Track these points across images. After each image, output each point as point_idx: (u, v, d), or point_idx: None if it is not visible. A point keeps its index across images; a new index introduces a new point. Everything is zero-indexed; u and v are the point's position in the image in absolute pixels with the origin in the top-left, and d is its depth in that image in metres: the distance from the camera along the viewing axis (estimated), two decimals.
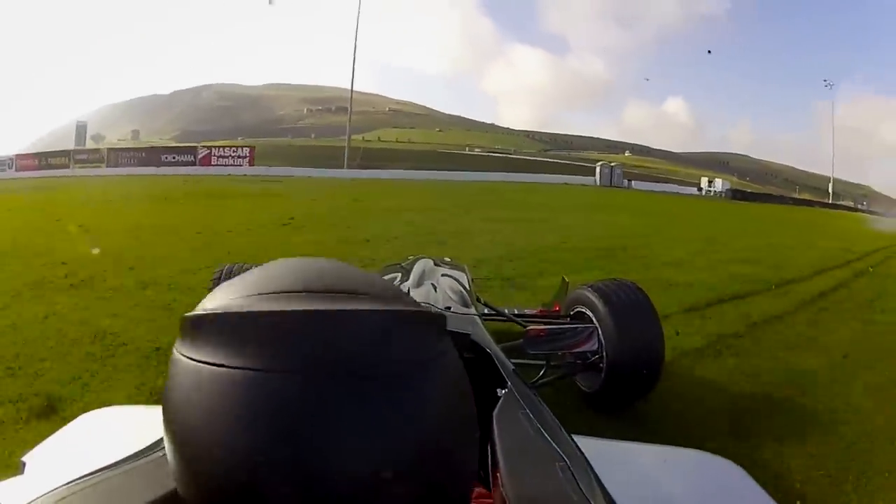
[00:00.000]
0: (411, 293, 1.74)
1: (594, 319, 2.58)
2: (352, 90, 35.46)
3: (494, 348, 1.40)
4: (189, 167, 25.81)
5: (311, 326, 0.38)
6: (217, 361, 0.38)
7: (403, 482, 0.38)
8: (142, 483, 0.49)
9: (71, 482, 0.53)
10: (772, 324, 4.68)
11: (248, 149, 28.54)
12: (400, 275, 2.33)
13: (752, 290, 5.80)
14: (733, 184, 45.22)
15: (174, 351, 0.42)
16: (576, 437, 0.86)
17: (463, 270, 2.81)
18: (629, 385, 2.55)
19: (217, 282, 2.60)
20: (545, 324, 2.58)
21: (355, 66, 34.41)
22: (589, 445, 0.83)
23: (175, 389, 0.41)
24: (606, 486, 0.72)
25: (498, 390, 1.07)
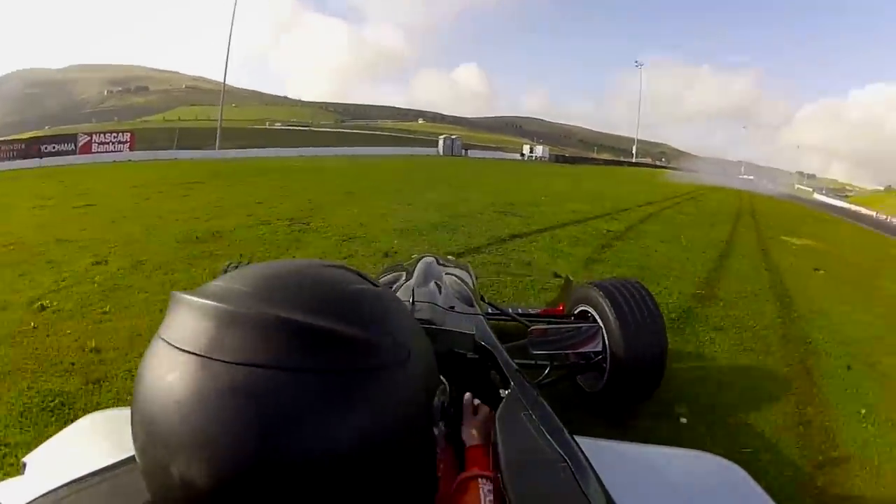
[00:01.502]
0: (415, 292, 1.75)
1: (598, 319, 2.57)
2: (224, 77, 35.76)
3: (498, 348, 1.43)
4: (70, 157, 24.90)
5: (277, 334, 0.42)
6: (192, 349, 0.42)
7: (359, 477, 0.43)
8: (141, 484, 0.49)
9: (71, 483, 0.56)
10: (671, 207, 14.59)
11: (128, 133, 28.23)
12: (404, 274, 2.25)
13: (669, 196, 17.81)
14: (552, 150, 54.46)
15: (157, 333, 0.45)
16: (578, 438, 0.88)
17: (467, 269, 2.81)
18: (632, 386, 2.54)
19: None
20: (549, 323, 2.60)
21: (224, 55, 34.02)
22: (591, 446, 0.85)
23: (143, 362, 0.45)
24: (608, 486, 0.74)
25: (501, 390, 1.10)
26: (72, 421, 2.73)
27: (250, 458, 0.39)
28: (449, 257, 2.90)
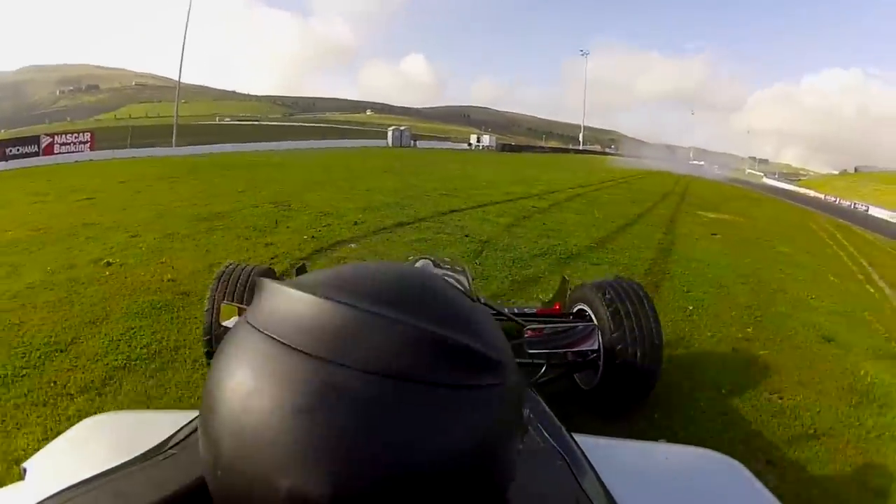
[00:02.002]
0: None
1: (594, 318, 2.62)
2: (179, 74, 36.08)
3: None
4: (34, 158, 25.15)
5: (385, 332, 0.39)
6: (289, 342, 0.39)
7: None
8: (142, 487, 0.47)
9: (72, 487, 0.55)
10: (601, 189, 16.64)
11: (87, 134, 28.61)
12: None
13: (605, 180, 21.33)
14: (499, 138, 56.06)
15: (243, 318, 0.44)
16: (576, 436, 0.89)
17: (463, 271, 2.81)
18: (625, 384, 2.59)
19: (220, 278, 2.85)
20: (545, 323, 2.59)
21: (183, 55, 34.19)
22: (589, 443, 0.85)
23: (232, 357, 0.42)
24: (606, 483, 0.74)
25: None
26: (174, 325, 3.97)
27: (376, 472, 0.37)
28: (445, 259, 2.96)
